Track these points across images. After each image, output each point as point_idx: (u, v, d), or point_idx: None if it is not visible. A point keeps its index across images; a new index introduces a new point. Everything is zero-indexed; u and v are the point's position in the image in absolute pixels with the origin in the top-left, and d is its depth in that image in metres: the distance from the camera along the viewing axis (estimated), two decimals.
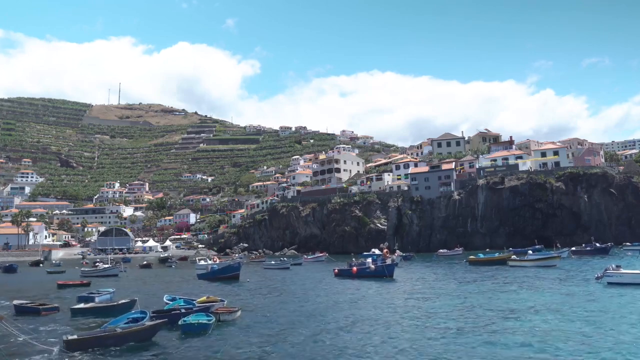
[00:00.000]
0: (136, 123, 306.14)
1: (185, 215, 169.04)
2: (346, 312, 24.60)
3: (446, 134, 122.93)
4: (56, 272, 65.38)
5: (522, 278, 37.16)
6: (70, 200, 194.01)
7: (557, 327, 18.82)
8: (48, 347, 17.33)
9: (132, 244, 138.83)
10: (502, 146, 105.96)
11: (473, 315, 22.20)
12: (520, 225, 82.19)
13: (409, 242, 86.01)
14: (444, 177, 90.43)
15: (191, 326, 19.97)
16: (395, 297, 29.86)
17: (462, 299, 27.60)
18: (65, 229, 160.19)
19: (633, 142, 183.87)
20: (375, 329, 19.87)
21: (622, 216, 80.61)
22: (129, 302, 25.92)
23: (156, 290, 38.02)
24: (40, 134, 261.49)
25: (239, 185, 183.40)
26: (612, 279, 30.60)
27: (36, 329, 21.29)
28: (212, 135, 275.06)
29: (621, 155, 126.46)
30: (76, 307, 26.74)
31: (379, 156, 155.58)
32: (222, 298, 27.36)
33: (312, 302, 28.54)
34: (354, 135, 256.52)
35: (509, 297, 27.37)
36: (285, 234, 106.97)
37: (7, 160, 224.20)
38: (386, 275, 41.29)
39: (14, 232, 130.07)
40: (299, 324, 21.56)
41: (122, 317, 21.22)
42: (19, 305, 27.08)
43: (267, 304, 28.27)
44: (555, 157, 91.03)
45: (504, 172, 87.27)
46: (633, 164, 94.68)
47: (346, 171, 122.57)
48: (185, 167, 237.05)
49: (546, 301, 25.39)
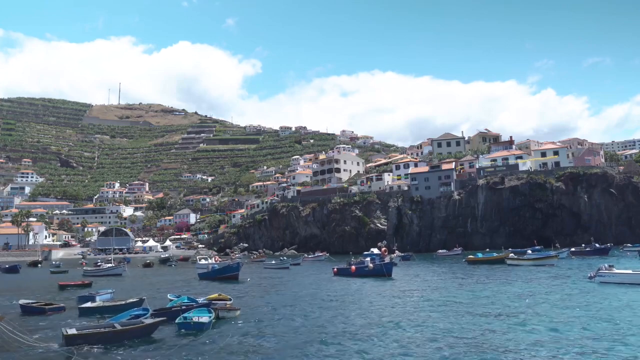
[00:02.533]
0: (136, 123, 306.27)
1: (185, 215, 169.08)
2: (343, 309, 24.66)
3: (446, 134, 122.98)
4: (59, 272, 65.37)
5: (517, 277, 37.35)
6: (70, 200, 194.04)
7: (547, 326, 18.88)
8: (49, 343, 17.39)
9: (132, 244, 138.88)
10: (502, 146, 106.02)
11: (464, 314, 22.22)
12: (520, 225, 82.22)
13: (409, 242, 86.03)
14: (444, 177, 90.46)
15: (188, 323, 20.11)
16: (393, 295, 29.95)
17: (455, 297, 27.74)
18: (65, 229, 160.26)
19: (633, 142, 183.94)
20: (375, 328, 19.93)
21: (622, 216, 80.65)
22: (137, 301, 26.00)
23: (159, 290, 38.14)
24: (40, 134, 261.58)
25: (239, 185, 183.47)
26: (605, 278, 30.73)
27: (41, 328, 21.29)
28: (212, 135, 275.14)
29: (621, 155, 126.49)
30: (84, 306, 26.86)
31: (379, 156, 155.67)
32: (229, 297, 27.62)
33: (311, 301, 28.62)
34: (354, 135, 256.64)
35: (503, 297, 27.42)
36: (285, 234, 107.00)
37: (7, 160, 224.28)
38: (384, 274, 41.50)
39: (14, 232, 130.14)
40: (298, 322, 21.66)
41: (125, 314, 21.35)
42: (24, 305, 27.06)
43: (266, 302, 28.37)
44: (555, 157, 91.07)
45: (504, 172, 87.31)
46: (633, 164, 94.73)
47: (346, 171, 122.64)
48: (185, 167, 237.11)
49: (538, 300, 25.44)
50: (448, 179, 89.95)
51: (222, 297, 26.90)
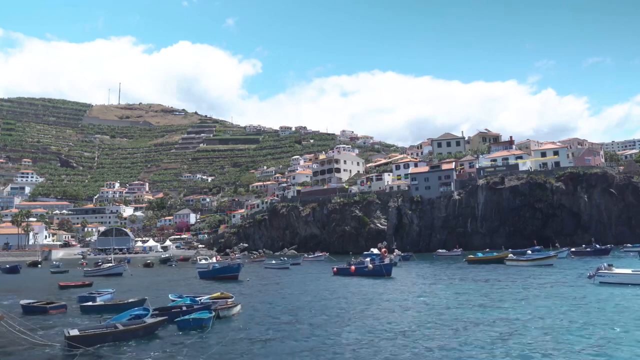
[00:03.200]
0: (136, 123, 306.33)
1: (185, 215, 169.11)
2: (343, 309, 24.70)
3: (446, 134, 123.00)
4: (59, 272, 65.40)
5: (516, 277, 37.37)
6: (70, 200, 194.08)
7: (545, 326, 18.90)
8: (50, 343, 17.42)
9: (132, 244, 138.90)
10: (502, 146, 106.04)
11: (461, 314, 22.25)
12: (520, 225, 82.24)
13: (409, 242, 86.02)
14: (444, 177, 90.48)
15: (187, 322, 20.20)
16: (392, 295, 29.98)
17: (454, 297, 27.76)
18: (65, 229, 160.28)
19: (633, 142, 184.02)
20: (373, 326, 19.96)
21: (622, 216, 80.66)
22: (139, 301, 26.08)
23: (159, 289, 38.18)
24: (40, 134, 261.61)
25: (239, 185, 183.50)
26: (604, 278, 30.70)
27: (42, 327, 21.30)
28: (212, 135, 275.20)
29: (621, 155, 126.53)
30: (86, 304, 26.88)
31: (379, 156, 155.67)
32: (231, 294, 27.75)
33: (310, 301, 28.71)
34: (354, 135, 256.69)
35: (500, 297, 27.43)
36: (285, 234, 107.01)
37: (7, 160, 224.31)
38: (384, 273, 41.64)
39: (14, 232, 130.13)
40: (297, 320, 21.74)
41: (125, 314, 21.41)
42: (26, 304, 27.08)
43: (266, 301, 28.44)
44: (555, 157, 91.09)
45: (504, 172, 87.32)
46: (633, 164, 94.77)
47: (346, 171, 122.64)
48: (185, 167, 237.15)
49: (536, 300, 25.47)
50: (448, 179, 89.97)
51: (224, 296, 27.05)
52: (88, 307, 26.33)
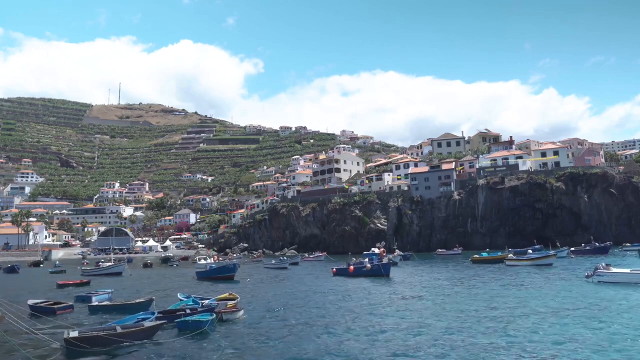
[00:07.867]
0: (136, 123, 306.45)
1: (185, 215, 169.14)
2: (341, 309, 24.68)
3: (446, 134, 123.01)
4: (58, 272, 65.47)
5: (515, 277, 37.37)
6: (70, 200, 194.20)
7: (544, 326, 18.89)
8: (50, 344, 17.40)
9: (132, 244, 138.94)
10: (502, 146, 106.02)
11: (458, 314, 22.19)
12: (520, 225, 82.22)
13: (409, 242, 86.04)
14: (444, 177, 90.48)
15: (186, 322, 20.25)
16: (392, 295, 29.95)
17: (452, 297, 27.82)
18: (65, 229, 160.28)
19: (633, 142, 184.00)
20: (374, 328, 19.94)
21: (622, 216, 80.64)
22: (146, 302, 26.08)
23: (159, 289, 38.15)
24: (40, 134, 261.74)
25: (239, 185, 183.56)
26: (603, 277, 30.74)
27: (48, 328, 21.12)
28: (212, 135, 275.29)
29: (621, 155, 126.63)
30: (94, 304, 26.82)
31: (379, 156, 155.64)
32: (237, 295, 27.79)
33: (309, 300, 28.72)
34: (354, 135, 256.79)
35: (499, 297, 27.40)
36: (285, 234, 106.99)
37: (7, 160, 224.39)
38: (382, 274, 41.61)
39: (14, 232, 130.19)
40: (296, 320, 21.76)
41: (132, 317, 21.49)
42: (33, 305, 26.91)
43: (266, 302, 28.42)
44: (555, 157, 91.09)
45: (504, 172, 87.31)
46: (633, 164, 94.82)
47: (346, 171, 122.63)
48: (185, 167, 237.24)
49: (534, 299, 25.46)
50: (448, 179, 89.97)
51: (232, 297, 26.99)
52: (95, 307, 26.30)
